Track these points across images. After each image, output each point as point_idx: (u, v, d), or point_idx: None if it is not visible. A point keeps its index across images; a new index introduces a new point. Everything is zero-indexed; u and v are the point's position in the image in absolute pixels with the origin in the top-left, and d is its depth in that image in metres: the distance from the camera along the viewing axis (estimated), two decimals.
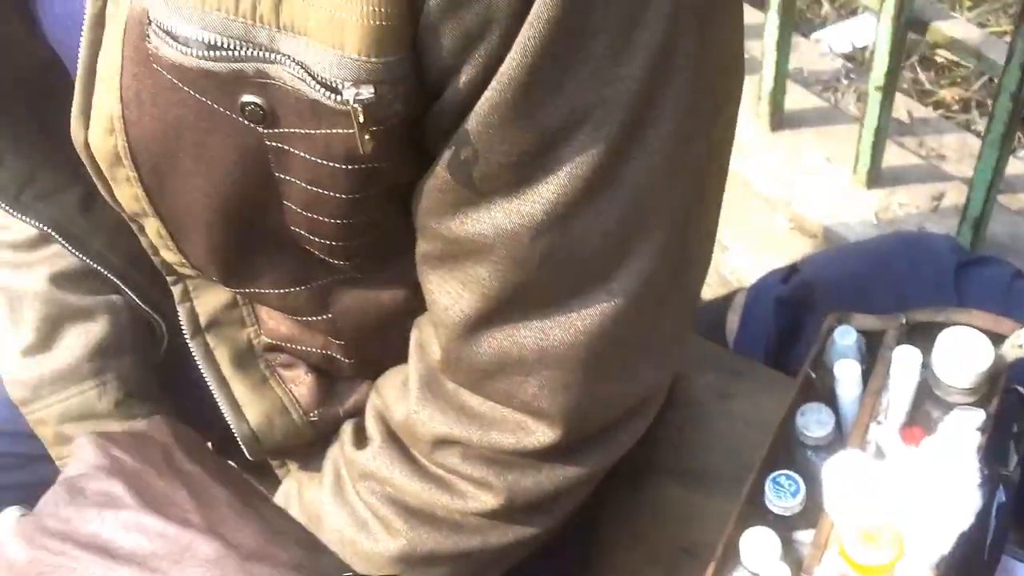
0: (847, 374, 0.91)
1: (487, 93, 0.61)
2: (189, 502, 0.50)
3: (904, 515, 0.76)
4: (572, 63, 0.61)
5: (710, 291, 1.82)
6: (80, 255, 0.92)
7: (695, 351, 1.18)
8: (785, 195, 1.77)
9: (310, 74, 0.61)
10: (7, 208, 0.88)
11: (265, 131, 0.64)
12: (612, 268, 0.69)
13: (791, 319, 1.32)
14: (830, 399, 0.93)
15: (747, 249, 1.79)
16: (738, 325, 1.43)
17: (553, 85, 0.61)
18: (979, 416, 0.83)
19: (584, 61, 0.61)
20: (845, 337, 0.96)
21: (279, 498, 0.87)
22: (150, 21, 0.63)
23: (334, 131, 0.63)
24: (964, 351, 0.85)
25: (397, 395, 0.81)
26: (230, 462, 1.01)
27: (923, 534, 0.75)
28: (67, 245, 0.91)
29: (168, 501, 0.50)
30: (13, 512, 0.56)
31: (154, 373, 1.01)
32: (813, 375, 0.95)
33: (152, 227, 0.76)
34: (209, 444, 1.00)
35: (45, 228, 0.90)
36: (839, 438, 0.90)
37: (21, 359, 0.96)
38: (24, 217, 0.89)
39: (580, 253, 0.68)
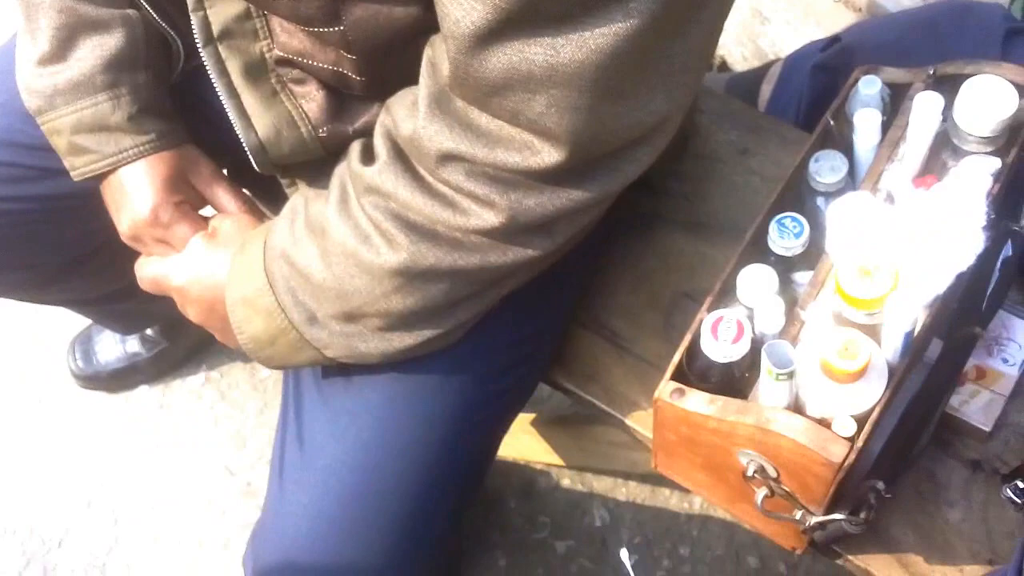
0: (866, 122, 0.89)
1: None
2: None
3: (905, 253, 0.75)
4: None
5: (746, 63, 1.77)
6: None
7: (720, 109, 1.15)
8: None
9: None
10: None
11: None
12: None
13: (827, 85, 1.28)
14: (848, 149, 0.91)
15: (788, 21, 1.72)
16: (771, 93, 1.39)
17: None
18: (994, 163, 0.81)
19: None
20: (869, 87, 0.93)
21: (286, 212, 0.88)
22: None
23: None
24: (987, 98, 0.82)
25: (406, 113, 0.80)
26: (244, 189, 1.02)
27: (921, 272, 0.75)
28: None
29: None
30: None
31: (168, 93, 1.00)
32: (832, 123, 0.93)
33: None
34: (224, 171, 1.02)
35: None
36: (851, 186, 0.89)
37: (36, 68, 0.96)
38: None
39: None
